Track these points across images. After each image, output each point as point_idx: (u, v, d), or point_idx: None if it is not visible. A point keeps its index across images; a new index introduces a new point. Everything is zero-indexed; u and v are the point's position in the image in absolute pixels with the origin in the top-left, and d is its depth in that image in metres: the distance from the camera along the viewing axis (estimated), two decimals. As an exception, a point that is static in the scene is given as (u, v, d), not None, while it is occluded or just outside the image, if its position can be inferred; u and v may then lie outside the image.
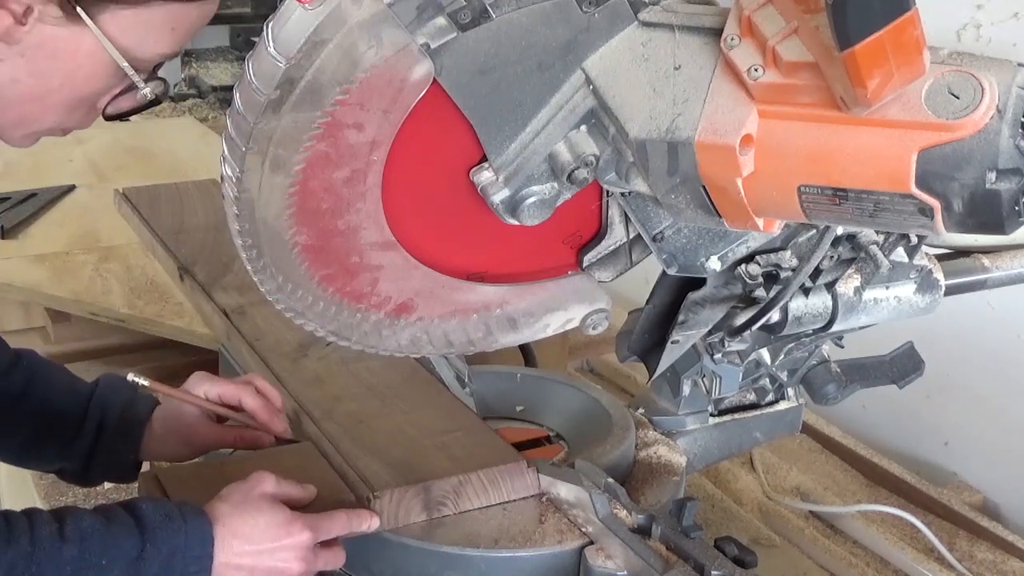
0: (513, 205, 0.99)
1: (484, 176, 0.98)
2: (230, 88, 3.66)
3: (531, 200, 0.99)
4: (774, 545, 1.46)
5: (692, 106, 0.88)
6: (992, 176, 0.78)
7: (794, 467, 1.60)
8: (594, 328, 1.12)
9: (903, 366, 1.25)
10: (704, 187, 0.90)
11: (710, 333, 1.16)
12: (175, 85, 3.47)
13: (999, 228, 0.81)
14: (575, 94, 0.95)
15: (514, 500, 1.14)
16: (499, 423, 1.32)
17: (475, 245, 1.06)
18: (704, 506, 1.47)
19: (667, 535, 1.05)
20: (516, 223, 1.00)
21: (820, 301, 1.11)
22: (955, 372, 1.72)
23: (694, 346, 1.18)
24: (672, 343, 1.15)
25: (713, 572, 1.00)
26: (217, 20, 4.17)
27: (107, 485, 1.48)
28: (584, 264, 1.08)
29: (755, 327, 1.10)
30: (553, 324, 1.11)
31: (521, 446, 1.26)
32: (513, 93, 0.94)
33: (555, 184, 0.98)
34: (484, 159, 0.98)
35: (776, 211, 0.90)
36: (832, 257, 1.05)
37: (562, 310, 1.11)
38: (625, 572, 1.05)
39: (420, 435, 1.22)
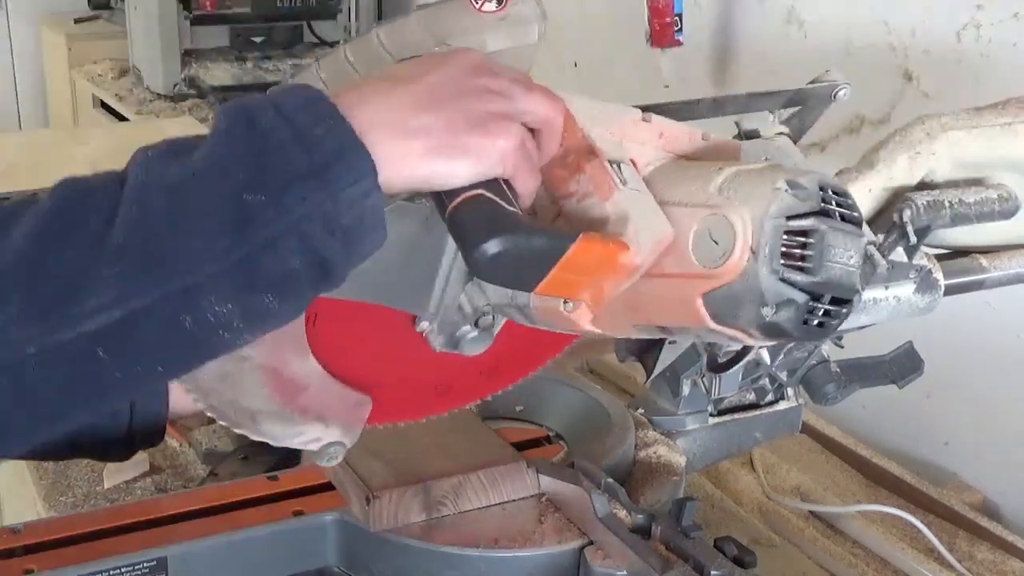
0: (454, 344, 1.00)
1: (423, 326, 1.00)
2: (230, 88, 3.66)
3: (469, 338, 0.99)
4: (774, 545, 1.46)
5: None
6: (768, 311, 0.78)
7: (794, 467, 1.60)
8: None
9: (903, 366, 1.25)
10: None
11: (710, 333, 1.16)
12: (175, 85, 3.47)
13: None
14: (455, 255, 0.94)
15: (514, 500, 1.14)
16: (499, 423, 1.32)
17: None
18: (704, 506, 1.47)
19: (667, 535, 1.05)
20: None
21: (820, 301, 1.11)
22: (955, 372, 1.72)
23: (693, 345, 1.18)
24: (670, 343, 1.15)
25: (713, 572, 1.00)
26: (217, 20, 4.17)
27: (106, 485, 1.49)
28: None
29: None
30: None
31: (521, 446, 1.26)
32: (402, 272, 0.93)
33: None
34: None
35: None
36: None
37: None
38: (625, 572, 1.05)
39: (420, 435, 1.22)
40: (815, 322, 0.80)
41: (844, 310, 0.81)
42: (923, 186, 1.06)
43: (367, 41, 0.85)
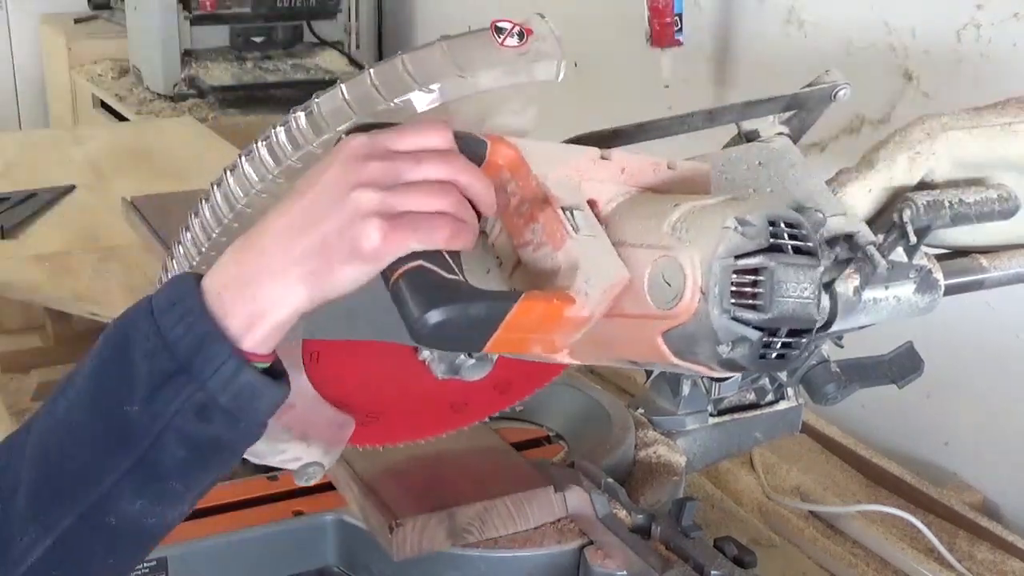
0: (455, 371, 1.02)
1: (424, 355, 1.02)
2: (230, 88, 3.65)
3: (467, 365, 1.02)
4: (774, 545, 1.45)
5: None
6: (724, 348, 0.79)
7: (794, 467, 1.60)
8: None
9: (903, 366, 1.24)
10: None
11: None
12: (175, 85, 3.47)
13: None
14: None
15: (539, 526, 1.12)
16: (499, 423, 1.32)
17: None
18: (704, 506, 1.47)
19: (667, 535, 1.05)
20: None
21: (819, 301, 1.11)
22: (955, 372, 1.72)
23: (694, 346, 1.18)
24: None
25: (713, 572, 1.00)
26: (217, 20, 4.16)
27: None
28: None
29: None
30: None
31: (521, 446, 1.26)
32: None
33: None
34: None
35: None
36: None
37: None
38: (624, 572, 1.05)
39: (442, 456, 1.19)
40: (773, 355, 0.80)
41: (804, 340, 0.81)
42: (923, 186, 1.06)
43: (392, 66, 0.85)
